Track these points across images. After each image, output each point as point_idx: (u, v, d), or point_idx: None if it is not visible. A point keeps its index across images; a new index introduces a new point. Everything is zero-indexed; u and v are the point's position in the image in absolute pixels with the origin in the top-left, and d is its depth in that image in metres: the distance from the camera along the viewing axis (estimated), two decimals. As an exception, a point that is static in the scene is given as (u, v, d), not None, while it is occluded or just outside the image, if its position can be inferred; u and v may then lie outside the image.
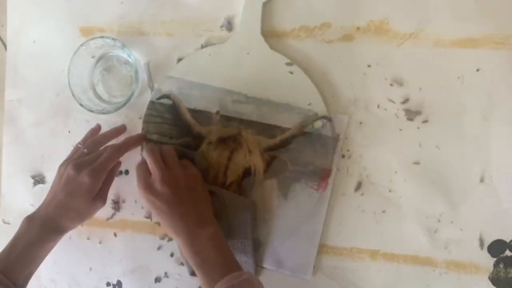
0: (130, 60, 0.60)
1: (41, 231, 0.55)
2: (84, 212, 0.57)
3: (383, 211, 0.58)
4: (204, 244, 0.51)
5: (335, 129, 0.58)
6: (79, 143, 0.59)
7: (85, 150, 0.58)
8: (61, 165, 0.58)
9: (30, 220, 0.56)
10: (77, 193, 0.55)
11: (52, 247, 0.57)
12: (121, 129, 0.62)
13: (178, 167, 0.54)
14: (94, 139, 0.59)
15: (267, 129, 0.59)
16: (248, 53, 0.60)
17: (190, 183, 0.54)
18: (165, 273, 0.64)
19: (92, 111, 0.62)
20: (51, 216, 0.56)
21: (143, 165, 0.55)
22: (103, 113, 0.62)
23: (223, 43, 0.61)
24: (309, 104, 0.58)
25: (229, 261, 0.51)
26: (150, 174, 0.54)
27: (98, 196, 0.57)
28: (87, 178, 0.54)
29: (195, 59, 0.61)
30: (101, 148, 0.59)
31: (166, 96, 0.61)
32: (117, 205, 0.65)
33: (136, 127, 0.63)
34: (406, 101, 0.57)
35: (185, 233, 0.51)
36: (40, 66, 0.67)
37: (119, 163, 0.61)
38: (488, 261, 0.56)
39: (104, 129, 0.65)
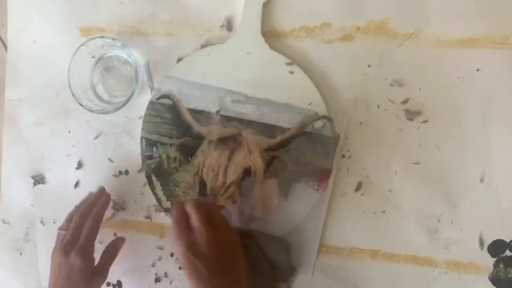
0: (130, 60, 0.60)
1: None
2: None
3: (383, 211, 0.58)
4: None
5: (335, 129, 0.58)
6: (58, 228, 0.60)
7: (64, 232, 0.58)
8: (52, 255, 0.59)
9: None
10: (73, 276, 0.55)
11: None
12: (89, 199, 0.62)
13: (225, 230, 0.51)
14: (67, 218, 0.60)
15: (267, 129, 0.59)
16: (248, 53, 0.60)
17: (233, 248, 0.51)
18: (165, 273, 0.64)
19: (92, 111, 0.62)
20: None
21: (181, 218, 0.51)
22: (103, 113, 0.62)
23: (223, 43, 0.61)
24: (309, 104, 0.58)
25: None
26: (191, 230, 0.50)
27: (97, 273, 0.57)
28: (77, 259, 0.55)
29: (195, 59, 0.61)
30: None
31: (166, 96, 0.61)
32: (117, 205, 0.65)
33: (136, 127, 0.63)
34: (406, 101, 0.57)
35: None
36: (40, 66, 0.68)
37: (122, 239, 0.61)
38: (488, 261, 0.56)
39: (104, 127, 0.65)
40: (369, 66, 0.58)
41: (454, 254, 0.56)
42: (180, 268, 0.64)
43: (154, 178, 0.62)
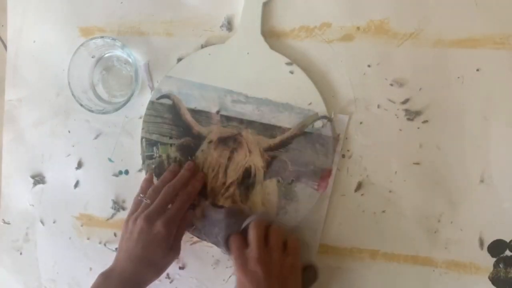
0: (130, 60, 0.60)
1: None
2: (161, 263, 0.56)
3: (383, 211, 0.58)
4: None
5: (335, 129, 0.58)
6: (139, 196, 0.58)
7: (148, 201, 0.56)
8: (128, 220, 0.56)
9: (107, 277, 0.54)
10: (153, 244, 0.54)
11: None
12: (175, 169, 0.60)
13: (279, 252, 0.52)
14: (154, 187, 0.58)
15: (267, 129, 0.59)
16: (248, 53, 0.60)
17: (285, 272, 0.52)
18: (166, 274, 0.64)
19: (92, 111, 0.62)
20: (129, 273, 0.54)
21: (239, 236, 0.54)
22: (103, 113, 0.62)
23: (223, 43, 0.61)
24: (309, 104, 0.58)
25: None
26: (246, 245, 0.52)
27: (172, 246, 0.56)
28: (162, 228, 0.53)
29: (195, 59, 0.61)
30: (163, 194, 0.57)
31: (166, 96, 0.61)
32: (117, 205, 0.65)
33: (136, 127, 0.63)
34: (406, 101, 0.57)
35: None
36: (40, 66, 0.68)
37: (190, 213, 0.60)
38: (488, 261, 0.56)
39: (104, 127, 0.65)
40: (369, 66, 0.58)
41: (454, 254, 0.56)
42: (180, 268, 0.64)
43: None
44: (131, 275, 0.54)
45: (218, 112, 0.60)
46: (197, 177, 0.59)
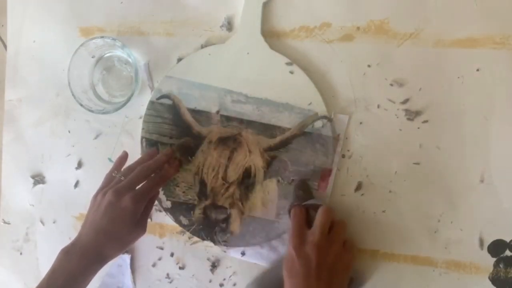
0: (130, 60, 0.60)
1: (82, 262, 0.52)
2: (126, 239, 0.55)
3: (383, 211, 0.58)
4: None
5: (335, 129, 0.58)
6: (113, 172, 0.57)
7: (122, 178, 0.55)
8: (96, 194, 0.56)
9: (68, 251, 0.53)
10: (120, 219, 0.53)
11: (91, 279, 0.54)
12: (153, 153, 0.59)
13: (340, 244, 0.52)
14: (130, 166, 0.57)
15: (267, 129, 0.59)
16: (248, 53, 0.60)
17: (338, 268, 0.51)
18: (166, 274, 0.64)
19: (92, 111, 0.62)
20: (92, 245, 0.53)
21: (304, 212, 0.54)
22: (103, 113, 0.62)
23: (223, 43, 0.61)
24: (309, 104, 0.58)
25: None
26: (307, 224, 0.52)
27: (139, 223, 0.55)
28: (130, 203, 0.52)
29: (195, 59, 0.61)
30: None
31: (166, 96, 0.61)
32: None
33: (136, 127, 0.63)
34: (406, 101, 0.57)
35: None
36: (40, 66, 0.68)
37: (158, 193, 0.60)
38: (488, 261, 0.56)
39: (104, 127, 0.65)
40: (369, 66, 0.58)
41: (454, 254, 0.56)
42: (180, 268, 0.64)
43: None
44: (94, 248, 0.53)
45: (218, 112, 0.60)
46: (172, 164, 0.59)
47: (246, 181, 0.59)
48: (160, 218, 0.64)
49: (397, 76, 0.57)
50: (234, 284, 0.62)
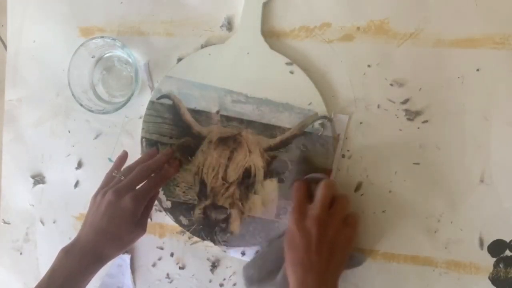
0: (130, 60, 0.60)
1: (82, 262, 0.52)
2: (126, 239, 0.54)
3: (383, 211, 0.58)
4: None
5: (335, 129, 0.58)
6: (113, 172, 0.57)
7: (122, 178, 0.55)
8: (96, 194, 0.55)
9: (68, 251, 0.53)
10: (119, 219, 0.53)
11: (91, 279, 0.54)
12: (153, 153, 0.59)
13: (340, 219, 0.52)
14: (130, 166, 0.57)
15: (267, 129, 0.59)
16: (248, 53, 0.60)
17: (338, 242, 0.51)
18: (166, 274, 0.64)
19: (92, 111, 0.62)
20: (92, 245, 0.53)
21: (305, 187, 0.54)
22: (103, 113, 0.62)
23: (223, 43, 0.61)
24: (309, 104, 0.58)
25: None
26: (308, 199, 0.52)
27: (139, 223, 0.55)
28: (130, 203, 0.52)
29: (195, 59, 0.61)
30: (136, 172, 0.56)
31: (166, 96, 0.61)
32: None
33: (136, 127, 0.63)
34: (406, 101, 0.57)
35: (300, 281, 0.49)
36: (40, 66, 0.68)
37: (158, 193, 0.60)
38: (488, 261, 0.56)
39: (104, 127, 0.65)
40: (369, 66, 0.58)
41: (454, 254, 0.56)
42: (180, 268, 0.64)
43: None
44: (93, 248, 0.53)
45: (218, 112, 0.60)
46: (172, 164, 0.59)
47: (246, 181, 0.59)
48: (160, 218, 0.64)
49: (397, 76, 0.57)
50: (234, 284, 0.62)
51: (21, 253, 0.69)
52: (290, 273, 0.50)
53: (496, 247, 0.55)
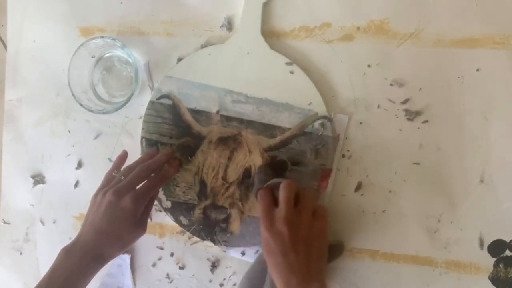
0: (130, 60, 0.60)
1: (82, 262, 0.52)
2: (126, 239, 0.54)
3: (383, 211, 0.58)
4: None
5: (335, 129, 0.58)
6: (114, 172, 0.57)
7: (122, 178, 0.55)
8: (96, 194, 0.55)
9: (68, 251, 0.53)
10: (119, 218, 0.53)
11: (91, 279, 0.54)
12: (153, 153, 0.59)
13: (308, 214, 0.51)
14: (130, 166, 0.57)
15: (267, 129, 0.59)
16: (248, 53, 0.60)
17: (312, 236, 0.51)
18: (166, 274, 0.64)
19: (92, 111, 0.62)
20: (92, 245, 0.53)
21: (269, 193, 0.53)
22: (103, 113, 0.62)
23: (223, 43, 0.61)
24: (309, 104, 0.58)
25: None
26: (275, 206, 0.52)
27: (139, 223, 0.55)
28: (130, 203, 0.52)
29: (195, 59, 0.61)
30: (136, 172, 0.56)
31: (166, 96, 0.61)
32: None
33: (136, 127, 0.63)
34: (406, 101, 0.57)
35: (285, 283, 0.48)
36: (40, 66, 0.68)
37: (158, 192, 0.60)
38: (488, 261, 0.56)
39: (104, 127, 0.65)
40: (369, 66, 0.58)
41: (454, 254, 0.56)
42: (180, 268, 0.64)
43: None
44: (94, 248, 0.53)
45: (218, 112, 0.60)
46: (172, 164, 0.59)
47: (246, 181, 0.59)
48: (160, 218, 0.64)
49: (397, 76, 0.57)
50: (234, 284, 0.62)
51: (21, 253, 0.69)
52: (274, 277, 0.50)
53: (496, 247, 0.55)
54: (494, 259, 0.55)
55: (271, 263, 0.50)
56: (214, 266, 0.63)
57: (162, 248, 0.64)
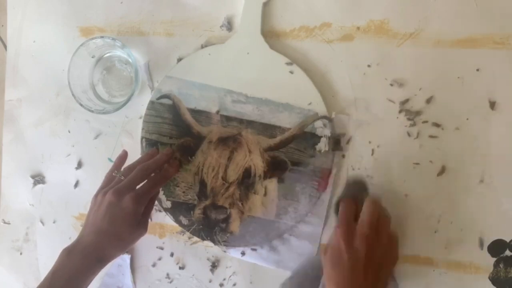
0: (130, 60, 0.60)
1: (83, 263, 0.52)
2: (127, 239, 0.55)
3: (383, 211, 0.58)
4: None
5: (335, 129, 0.58)
6: (114, 172, 0.57)
7: (122, 177, 0.55)
8: (97, 194, 0.55)
9: (70, 252, 0.52)
10: (120, 219, 0.53)
11: (93, 279, 0.54)
12: (153, 153, 0.59)
13: (387, 237, 0.51)
14: (130, 166, 0.57)
15: (267, 129, 0.59)
16: (248, 53, 0.60)
17: (385, 262, 0.51)
18: (166, 274, 0.64)
19: (92, 111, 0.62)
20: (93, 246, 0.53)
21: (353, 204, 0.53)
22: (103, 113, 0.62)
23: (223, 43, 0.61)
24: (309, 104, 0.58)
25: None
26: (354, 219, 0.51)
27: (140, 223, 0.55)
28: (130, 203, 0.52)
29: (195, 59, 0.61)
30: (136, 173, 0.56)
31: (166, 96, 0.61)
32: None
33: (136, 127, 0.63)
34: (406, 101, 0.57)
35: None
36: (40, 66, 0.68)
37: (158, 193, 0.60)
38: (488, 261, 0.56)
39: (104, 127, 0.65)
40: (369, 66, 0.58)
41: (454, 254, 0.56)
42: (180, 268, 0.64)
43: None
44: (95, 249, 0.53)
45: (218, 112, 0.60)
46: (172, 164, 0.59)
47: (246, 181, 0.59)
48: (160, 218, 0.64)
49: (397, 76, 0.57)
50: (234, 284, 0.62)
51: (21, 253, 0.69)
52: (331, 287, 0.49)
53: (496, 247, 0.55)
54: (494, 259, 0.55)
55: (334, 276, 0.49)
56: (214, 266, 0.63)
57: (162, 248, 0.64)
